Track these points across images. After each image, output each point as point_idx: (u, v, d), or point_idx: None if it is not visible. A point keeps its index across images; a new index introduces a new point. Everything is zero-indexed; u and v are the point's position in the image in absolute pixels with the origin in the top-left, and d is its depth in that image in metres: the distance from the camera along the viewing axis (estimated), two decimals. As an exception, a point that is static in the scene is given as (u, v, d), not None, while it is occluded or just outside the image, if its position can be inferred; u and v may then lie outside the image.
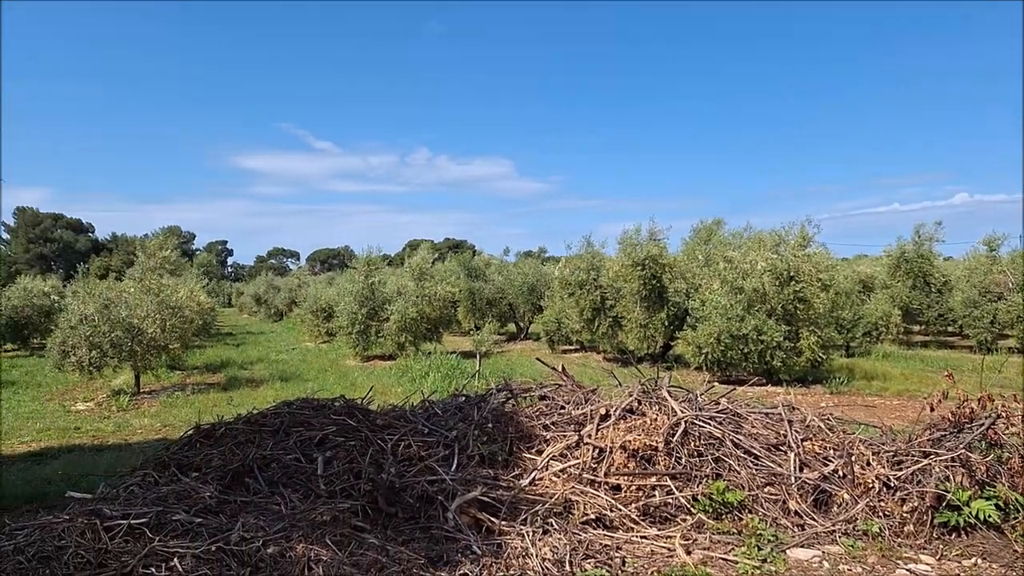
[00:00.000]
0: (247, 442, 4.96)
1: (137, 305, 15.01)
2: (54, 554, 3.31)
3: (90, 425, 11.74)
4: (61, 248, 68.79)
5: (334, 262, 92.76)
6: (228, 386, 15.44)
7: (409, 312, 18.98)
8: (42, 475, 8.33)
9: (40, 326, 26.19)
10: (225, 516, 3.91)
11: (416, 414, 6.11)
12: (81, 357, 14.04)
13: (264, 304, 41.43)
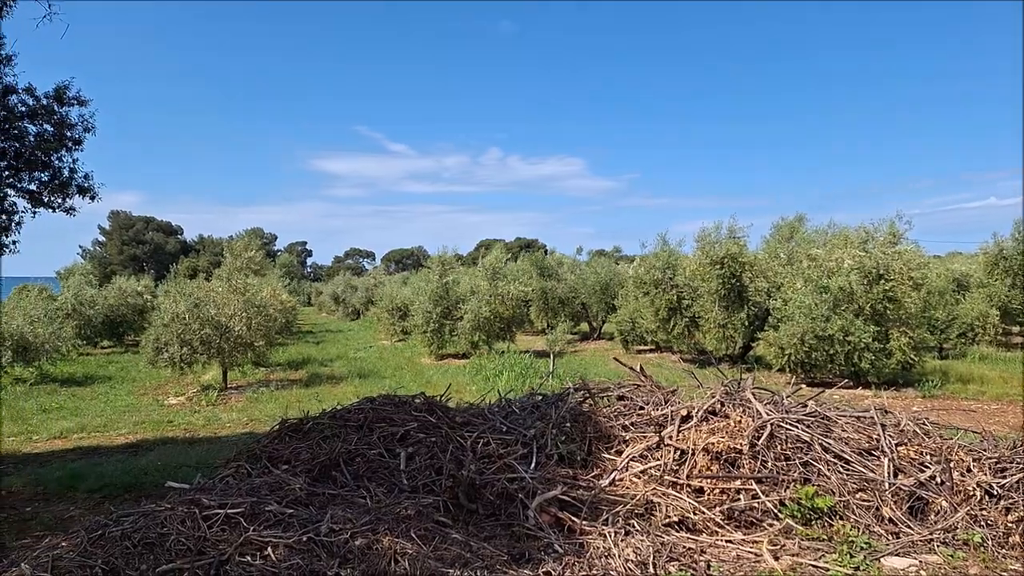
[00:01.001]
0: (333, 436, 5.17)
1: (224, 304, 15.80)
2: (157, 540, 3.55)
3: (182, 419, 12.46)
4: (152, 249, 73.11)
5: (408, 262, 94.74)
6: (309, 382, 16.06)
7: (482, 311, 19.20)
8: (139, 466, 8.90)
9: (134, 324, 27.97)
10: (314, 508, 4.08)
11: (494, 412, 6.19)
12: (173, 354, 14.91)
13: (342, 303, 42.80)
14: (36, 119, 6.86)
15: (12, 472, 9.09)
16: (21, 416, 13.06)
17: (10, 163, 7.07)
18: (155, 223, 75.99)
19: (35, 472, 8.87)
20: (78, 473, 8.40)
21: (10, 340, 17.44)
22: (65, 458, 9.82)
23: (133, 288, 28.86)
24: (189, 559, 3.38)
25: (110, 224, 72.24)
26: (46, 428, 11.90)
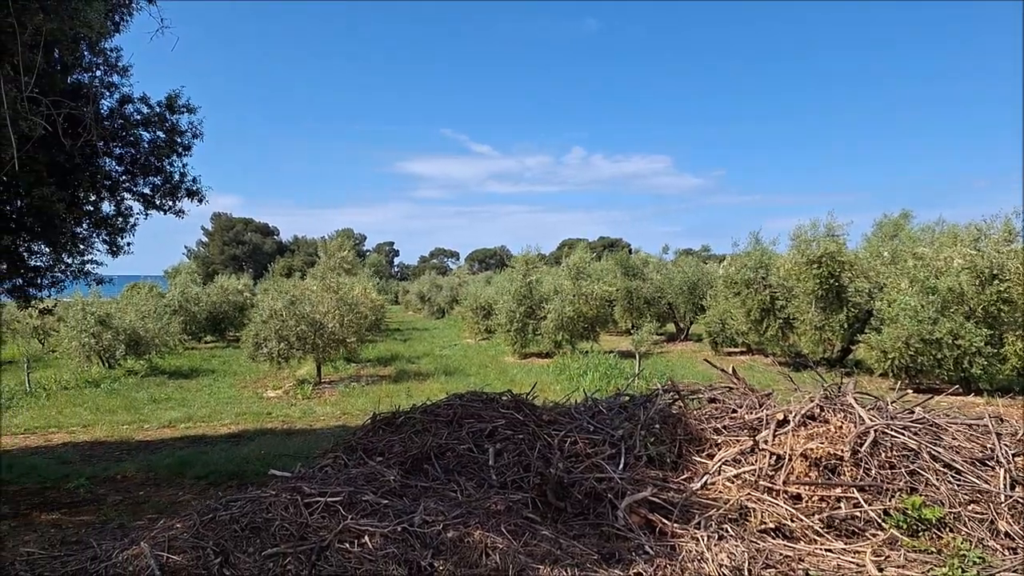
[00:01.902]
0: (424, 431, 5.30)
1: (319, 302, 16.48)
2: (263, 525, 3.74)
3: (280, 411, 13.09)
4: (251, 250, 77.16)
5: (491, 261, 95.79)
6: (398, 378, 16.52)
7: (566, 311, 19.16)
8: (241, 454, 9.40)
9: (235, 320, 29.59)
10: (408, 499, 4.19)
11: (580, 412, 6.17)
12: (271, 349, 15.68)
13: (427, 302, 43.78)
14: (150, 127, 7.36)
15: (126, 458, 9.81)
16: (134, 406, 14.08)
17: (127, 168, 7.62)
18: (253, 224, 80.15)
19: (147, 459, 9.54)
20: (186, 460, 8.96)
21: (123, 335, 18.83)
22: (174, 446, 10.52)
23: (234, 286, 30.53)
24: (292, 544, 3.55)
25: (212, 226, 76.71)
26: (156, 417, 12.77)
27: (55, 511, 6.85)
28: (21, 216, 6.84)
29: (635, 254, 28.88)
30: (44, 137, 5.88)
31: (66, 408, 13.88)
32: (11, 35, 5.37)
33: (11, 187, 6.46)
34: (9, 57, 5.43)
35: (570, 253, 21.88)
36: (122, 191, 7.59)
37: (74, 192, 7.08)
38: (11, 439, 11.53)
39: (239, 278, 34.78)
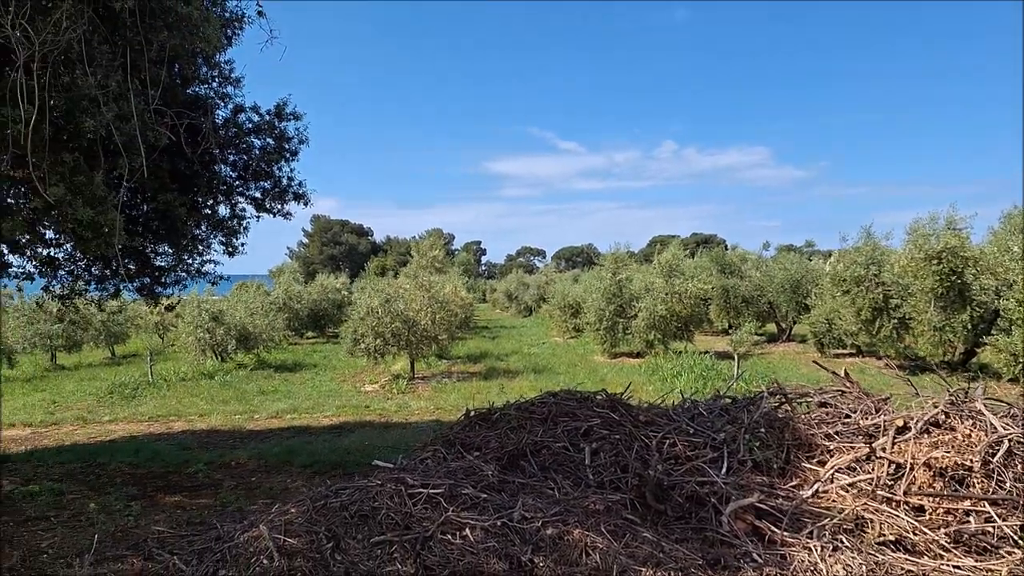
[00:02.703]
0: (519, 428, 5.35)
1: (412, 300, 16.95)
2: (370, 513, 3.89)
3: (377, 404, 13.55)
4: (347, 250, 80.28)
5: (578, 259, 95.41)
6: (488, 376, 16.75)
7: (658, 309, 18.82)
8: (343, 445, 9.81)
9: (333, 317, 30.88)
10: (506, 494, 4.25)
11: (679, 413, 6.04)
12: (368, 345, 16.26)
13: (515, 300, 44.11)
14: (260, 134, 7.79)
15: (239, 446, 10.43)
16: (244, 397, 14.95)
17: (239, 174, 8.11)
18: (349, 226, 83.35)
19: (257, 447, 10.11)
20: (293, 449, 9.45)
21: (234, 330, 20.03)
22: (281, 435, 11.10)
23: (332, 285, 31.85)
24: (398, 532, 3.67)
25: (312, 227, 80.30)
26: (264, 408, 13.51)
27: (177, 493, 7.38)
28: (147, 220, 7.40)
29: (732, 250, 27.94)
30: (167, 146, 6.35)
31: (184, 398, 14.92)
32: (139, 52, 5.82)
33: (139, 193, 7.00)
34: (137, 73, 5.88)
35: (662, 250, 21.46)
36: (236, 195, 8.08)
37: (194, 197, 7.59)
38: (137, 426, 12.50)
39: (337, 277, 36.22)
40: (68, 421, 12.97)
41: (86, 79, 5.19)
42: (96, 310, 8.56)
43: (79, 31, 5.06)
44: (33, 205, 5.41)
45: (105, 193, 5.73)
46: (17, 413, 13.94)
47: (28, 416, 13.49)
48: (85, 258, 7.73)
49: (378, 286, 18.48)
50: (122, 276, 7.97)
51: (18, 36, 4.72)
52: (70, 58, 5.25)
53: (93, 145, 5.66)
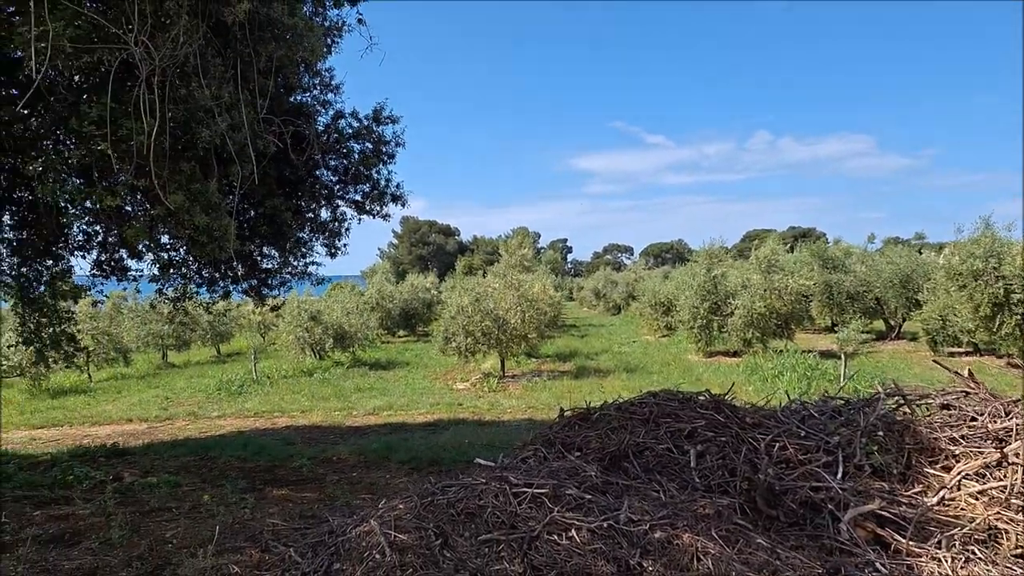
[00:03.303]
0: (620, 428, 5.28)
1: (501, 298, 17.11)
2: (476, 511, 3.94)
3: (469, 402, 13.77)
4: (435, 250, 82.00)
5: (667, 256, 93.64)
6: (578, 374, 16.69)
7: (756, 306, 18.17)
8: (438, 442, 10.01)
9: (423, 316, 31.64)
10: (610, 496, 4.21)
11: (787, 415, 5.80)
12: (459, 343, 16.54)
13: (602, 298, 43.75)
14: (359, 139, 8.06)
15: (340, 442, 10.84)
16: (342, 394, 15.53)
17: (340, 178, 8.42)
18: (437, 226, 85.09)
19: (357, 442, 10.48)
20: (391, 446, 9.72)
21: (331, 329, 20.84)
22: (378, 432, 11.46)
23: (422, 284, 32.63)
24: (504, 531, 3.70)
25: (402, 228, 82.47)
26: (361, 405, 13.99)
27: (284, 487, 7.74)
28: (255, 224, 7.80)
29: (835, 244, 26.61)
30: (274, 153, 6.67)
31: (286, 395, 15.66)
32: (248, 63, 6.14)
33: (248, 199, 7.39)
34: (247, 83, 6.20)
35: (759, 245, 20.70)
36: (336, 199, 8.41)
37: (298, 201, 7.96)
38: (244, 421, 13.22)
39: (426, 276, 37.09)
40: (180, 416, 13.87)
41: (201, 91, 5.52)
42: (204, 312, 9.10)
43: (194, 46, 5.39)
44: (155, 212, 5.79)
45: (219, 200, 6.07)
46: (134, 408, 15.05)
47: (144, 411, 14.53)
48: (197, 262, 8.23)
49: (468, 285, 18.76)
50: (232, 278, 8.45)
51: (140, 52, 5.07)
52: (186, 72, 5.60)
53: (207, 154, 6.01)
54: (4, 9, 6.08)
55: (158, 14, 5.20)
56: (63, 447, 11.08)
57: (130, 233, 6.00)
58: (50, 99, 5.89)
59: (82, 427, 13.18)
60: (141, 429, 12.72)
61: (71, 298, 8.92)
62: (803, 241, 32.77)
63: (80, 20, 5.02)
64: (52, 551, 4.43)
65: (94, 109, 5.34)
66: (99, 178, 6.00)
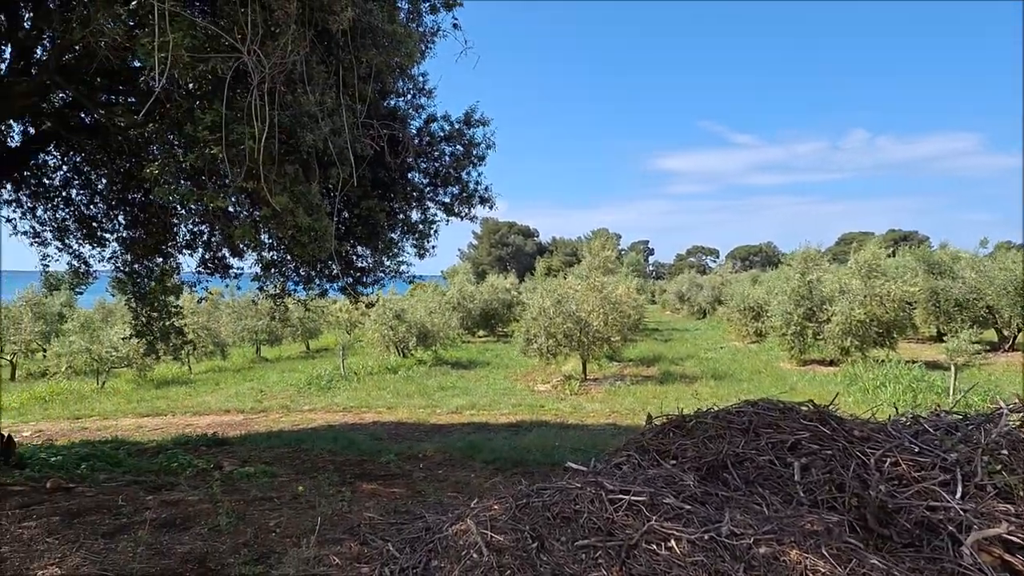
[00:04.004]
0: (717, 437, 5.16)
1: (583, 300, 17.04)
2: (572, 516, 3.94)
3: (551, 405, 13.79)
4: (514, 251, 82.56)
5: (755, 259, 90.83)
6: (663, 380, 16.42)
7: (855, 313, 17.36)
8: (522, 444, 10.07)
9: (503, 316, 31.91)
10: (710, 507, 4.12)
11: (898, 429, 5.51)
12: (540, 345, 16.60)
13: (687, 301, 42.86)
14: (450, 141, 8.22)
15: (424, 439, 11.09)
16: (425, 392, 15.87)
17: (430, 180, 8.62)
18: (516, 227, 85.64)
19: (442, 440, 10.68)
20: (475, 445, 9.86)
21: (415, 328, 21.32)
22: (462, 430, 11.64)
23: (502, 285, 32.92)
24: (600, 538, 3.69)
25: (481, 229, 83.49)
26: (445, 404, 14.25)
27: (373, 481, 7.97)
28: (351, 225, 8.08)
29: (942, 248, 25.06)
30: (370, 156, 6.90)
31: (372, 391, 16.14)
32: (349, 69, 6.37)
33: (345, 201, 7.66)
34: (347, 89, 6.44)
35: (859, 248, 19.75)
36: (426, 201, 8.61)
37: (391, 203, 8.19)
38: (333, 415, 13.71)
39: (506, 277, 37.38)
40: (274, 409, 14.53)
41: (306, 97, 5.77)
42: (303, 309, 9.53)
43: (301, 53, 5.64)
44: (262, 213, 6.08)
45: (320, 201, 6.33)
46: (231, 400, 15.88)
47: (240, 403, 15.30)
48: (295, 261, 8.60)
49: (549, 287, 18.79)
50: (328, 277, 8.79)
51: (253, 61, 5.35)
52: (292, 78, 5.86)
53: (310, 157, 6.28)
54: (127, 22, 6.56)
55: (268, 23, 5.47)
56: (167, 435, 11.81)
57: (238, 233, 6.33)
58: (167, 106, 6.29)
59: (184, 416, 14.01)
60: (238, 420, 13.40)
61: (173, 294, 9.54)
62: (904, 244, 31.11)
63: (196, 31, 5.34)
64: (165, 535, 4.71)
65: (208, 115, 5.66)
66: (209, 181, 6.37)
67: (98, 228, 9.74)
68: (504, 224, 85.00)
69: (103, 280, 10.54)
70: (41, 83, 7.10)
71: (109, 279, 10.55)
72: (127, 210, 9.71)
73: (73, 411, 15.00)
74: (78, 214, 9.83)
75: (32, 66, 7.82)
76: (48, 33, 7.61)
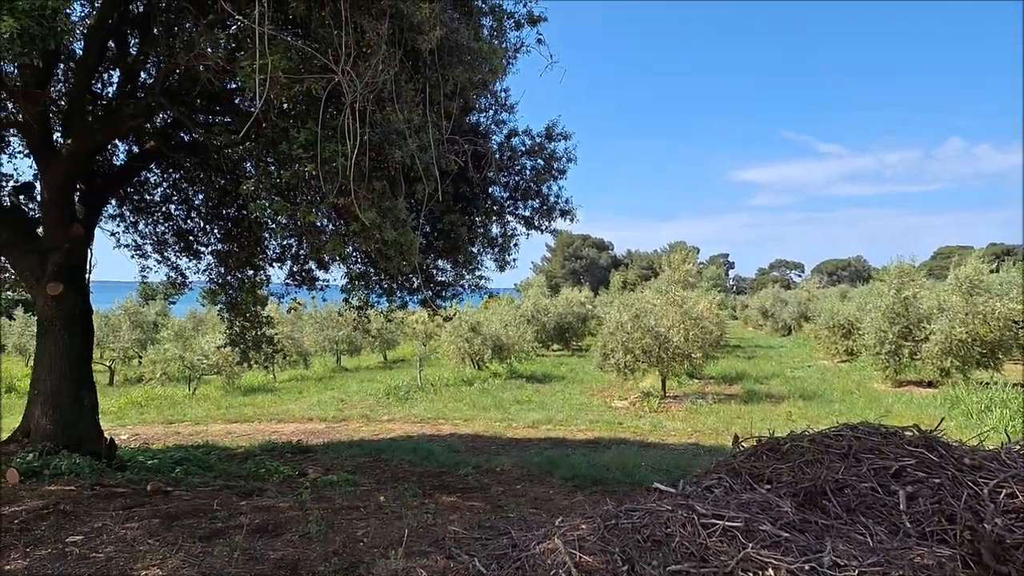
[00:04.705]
0: (815, 462, 4.96)
1: (663, 315, 16.76)
2: (663, 539, 3.86)
3: (629, 422, 13.59)
4: (588, 264, 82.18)
5: (843, 273, 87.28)
6: (747, 399, 15.93)
7: (956, 332, 16.38)
8: (601, 462, 9.95)
9: (578, 330, 31.76)
10: (810, 536, 3.96)
11: (1013, 458, 5.16)
12: (618, 360, 16.41)
13: (770, 317, 41.50)
14: (532, 155, 8.29)
15: (501, 453, 11.12)
16: (501, 405, 15.94)
17: (511, 194, 8.71)
18: (590, 240, 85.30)
19: (519, 455, 10.68)
20: (552, 461, 9.81)
21: (490, 340, 21.49)
22: (538, 445, 11.62)
23: (577, 298, 32.79)
24: (694, 564, 3.60)
25: (555, 242, 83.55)
26: (521, 418, 14.26)
27: (452, 494, 8.04)
28: (433, 239, 8.26)
29: (1056, 263, 23.36)
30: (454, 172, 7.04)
31: (449, 403, 16.34)
32: (435, 87, 6.53)
33: (428, 215, 7.84)
34: (433, 106, 6.60)
35: (959, 263, 18.66)
36: (507, 214, 8.70)
37: (472, 217, 8.32)
38: (411, 426, 13.96)
39: (580, 291, 37.22)
40: (354, 418, 14.91)
41: (395, 115, 5.95)
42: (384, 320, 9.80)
43: (391, 72, 5.83)
44: (351, 228, 6.29)
45: (406, 216, 6.49)
46: (313, 408, 16.39)
47: (322, 412, 15.77)
48: (379, 274, 8.84)
49: (627, 301, 18.59)
50: (408, 290, 8.99)
51: (346, 81, 5.56)
52: (381, 97, 6.06)
53: (397, 174, 6.47)
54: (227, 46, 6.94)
55: (360, 44, 5.68)
56: (254, 441, 12.29)
57: (328, 247, 6.57)
58: (262, 125, 6.61)
59: (269, 423, 14.56)
60: (320, 428, 13.82)
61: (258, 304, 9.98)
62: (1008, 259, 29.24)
63: (292, 53, 5.59)
64: (258, 540, 4.88)
65: (302, 134, 5.92)
66: (301, 196, 6.65)
67: (194, 241, 10.32)
68: (578, 237, 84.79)
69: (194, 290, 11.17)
70: (147, 105, 7.59)
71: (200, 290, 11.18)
72: (221, 224, 10.24)
73: (167, 416, 15.84)
74: (176, 228, 10.45)
75: (138, 89, 8.39)
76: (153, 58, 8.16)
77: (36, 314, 8.36)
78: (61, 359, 7.94)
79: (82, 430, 7.97)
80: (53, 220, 7.99)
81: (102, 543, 4.76)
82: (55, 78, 8.17)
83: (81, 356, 8.23)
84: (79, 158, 7.81)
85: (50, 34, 4.53)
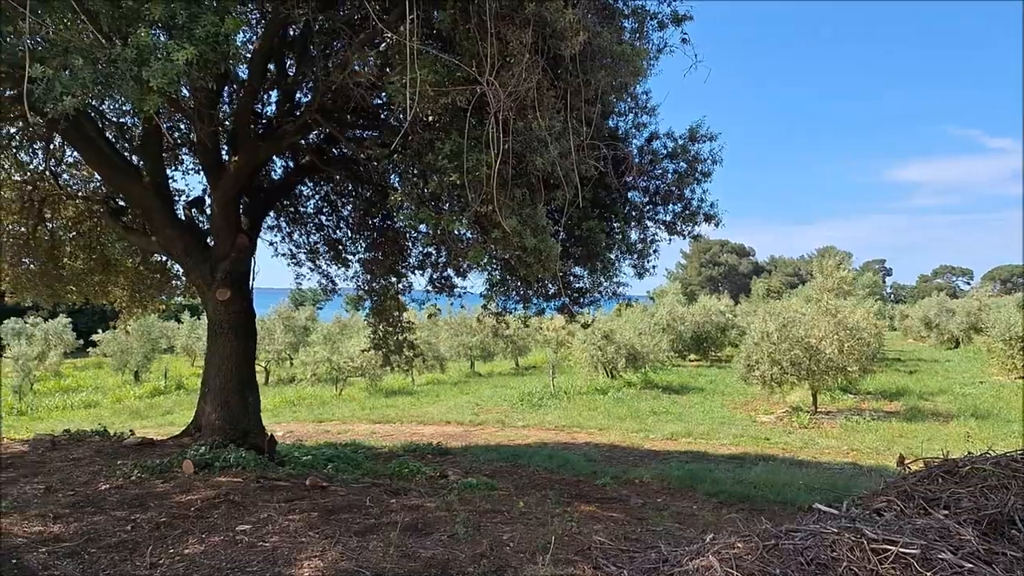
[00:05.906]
0: (1000, 487, 4.50)
1: (813, 325, 15.82)
2: (829, 564, 3.65)
3: (777, 437, 12.94)
4: (726, 271, 79.20)
5: (1019, 280, 78.50)
6: (910, 417, 14.71)
7: None
8: (748, 478, 9.54)
9: (717, 340, 30.65)
10: (997, 568, 3.60)
11: None
12: (763, 372, 15.67)
13: (935, 328, 38.00)
14: (674, 159, 8.13)
15: (639, 464, 10.95)
16: (637, 415, 15.70)
17: (650, 199, 8.58)
18: (729, 246, 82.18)
19: (658, 467, 10.47)
20: (695, 475, 9.54)
21: (623, 349, 21.23)
22: (678, 458, 11.33)
23: (715, 307, 31.65)
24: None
25: (691, 248, 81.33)
26: (658, 429, 13.98)
27: (591, 503, 8.02)
28: (570, 246, 8.30)
29: None
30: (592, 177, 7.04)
31: (583, 411, 16.32)
32: (576, 93, 6.56)
33: (567, 222, 7.89)
34: (574, 112, 6.63)
35: None
36: (646, 220, 8.58)
37: (610, 223, 8.28)
38: (545, 433, 14.07)
39: (719, 299, 35.90)
40: (489, 423, 15.24)
41: (537, 122, 6.05)
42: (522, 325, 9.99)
43: (533, 80, 5.93)
44: (493, 235, 6.45)
45: (545, 223, 6.57)
46: (451, 412, 16.94)
47: (459, 415, 16.26)
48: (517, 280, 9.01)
49: (773, 309, 17.73)
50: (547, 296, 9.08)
51: (491, 91, 5.71)
52: (523, 104, 6.17)
53: (537, 181, 6.56)
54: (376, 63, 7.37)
55: (504, 54, 5.82)
56: (396, 442, 12.88)
57: (471, 254, 6.78)
58: (409, 137, 6.94)
59: (410, 425, 15.22)
60: (458, 431, 14.26)
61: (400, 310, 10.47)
62: None
63: (438, 66, 5.82)
64: (409, 538, 5.11)
65: (447, 144, 6.15)
66: (444, 206, 6.91)
67: (343, 250, 11.02)
68: (715, 242, 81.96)
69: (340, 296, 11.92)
70: (304, 123, 8.20)
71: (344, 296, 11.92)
72: (367, 234, 10.87)
73: (317, 414, 16.98)
74: (327, 238, 11.22)
75: (295, 108, 9.09)
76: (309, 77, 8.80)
77: (207, 318, 9.24)
78: (229, 360, 8.72)
79: (247, 426, 8.71)
80: (222, 231, 8.81)
81: (268, 533, 5.16)
82: (222, 100, 8.99)
83: (246, 357, 9.00)
84: (244, 174, 8.56)
85: (223, 59, 5.02)
